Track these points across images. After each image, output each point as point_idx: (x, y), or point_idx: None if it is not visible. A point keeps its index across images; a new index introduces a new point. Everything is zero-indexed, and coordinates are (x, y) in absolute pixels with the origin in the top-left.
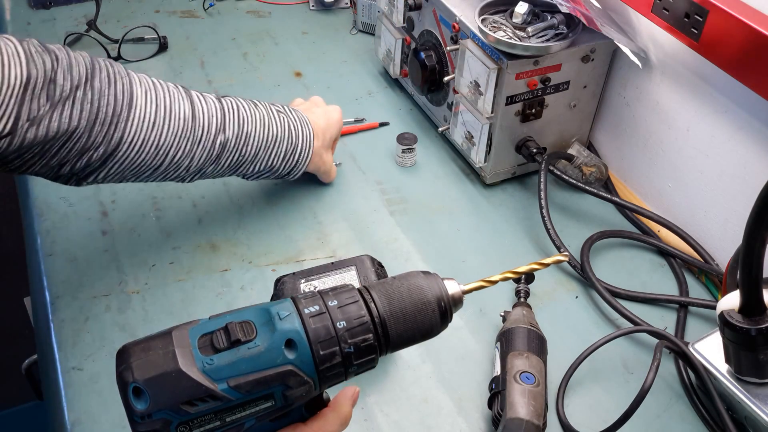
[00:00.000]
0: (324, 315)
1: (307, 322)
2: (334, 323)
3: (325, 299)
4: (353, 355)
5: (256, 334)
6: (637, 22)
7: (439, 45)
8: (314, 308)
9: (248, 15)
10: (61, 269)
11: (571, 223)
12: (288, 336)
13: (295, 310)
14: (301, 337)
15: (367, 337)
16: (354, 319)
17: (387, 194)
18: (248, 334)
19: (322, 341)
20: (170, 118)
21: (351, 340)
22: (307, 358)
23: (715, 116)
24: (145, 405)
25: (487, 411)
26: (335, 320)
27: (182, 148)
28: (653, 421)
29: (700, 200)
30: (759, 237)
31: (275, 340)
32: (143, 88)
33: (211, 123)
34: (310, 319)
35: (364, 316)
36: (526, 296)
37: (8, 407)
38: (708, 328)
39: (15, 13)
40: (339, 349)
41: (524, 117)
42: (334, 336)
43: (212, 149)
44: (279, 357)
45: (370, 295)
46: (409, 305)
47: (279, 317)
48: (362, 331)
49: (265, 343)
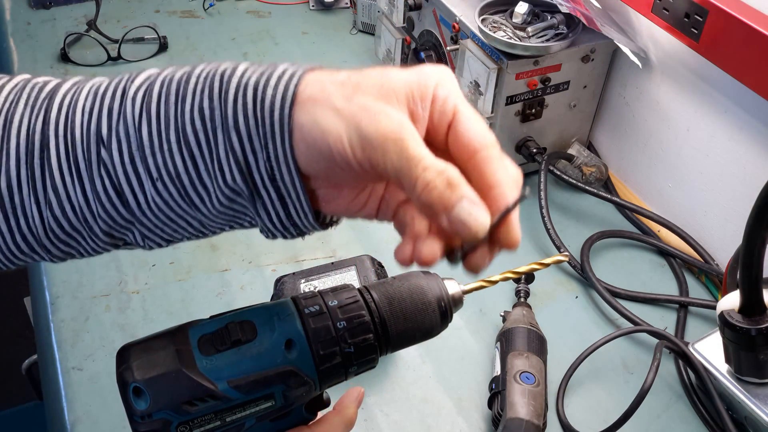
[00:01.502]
0: (324, 315)
1: (307, 322)
2: (335, 323)
3: (325, 299)
4: (353, 355)
5: (257, 334)
6: (637, 22)
7: (439, 45)
8: (314, 308)
9: (248, 15)
10: (61, 269)
11: (571, 223)
12: (288, 336)
13: (296, 310)
14: (302, 337)
15: (368, 336)
16: (354, 319)
17: None
18: (248, 334)
19: (322, 341)
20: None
21: (351, 340)
22: (308, 358)
23: (715, 116)
24: (145, 405)
25: (487, 411)
26: (335, 320)
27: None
28: (653, 421)
29: (700, 200)
30: (759, 237)
31: (275, 340)
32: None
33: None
34: (310, 318)
35: (364, 316)
36: (526, 296)
37: (8, 407)
38: (708, 328)
39: (15, 13)
40: (339, 349)
41: (524, 117)
42: (335, 336)
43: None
44: (279, 357)
45: (371, 295)
46: (410, 305)
47: (279, 317)
48: (362, 331)
49: (265, 343)
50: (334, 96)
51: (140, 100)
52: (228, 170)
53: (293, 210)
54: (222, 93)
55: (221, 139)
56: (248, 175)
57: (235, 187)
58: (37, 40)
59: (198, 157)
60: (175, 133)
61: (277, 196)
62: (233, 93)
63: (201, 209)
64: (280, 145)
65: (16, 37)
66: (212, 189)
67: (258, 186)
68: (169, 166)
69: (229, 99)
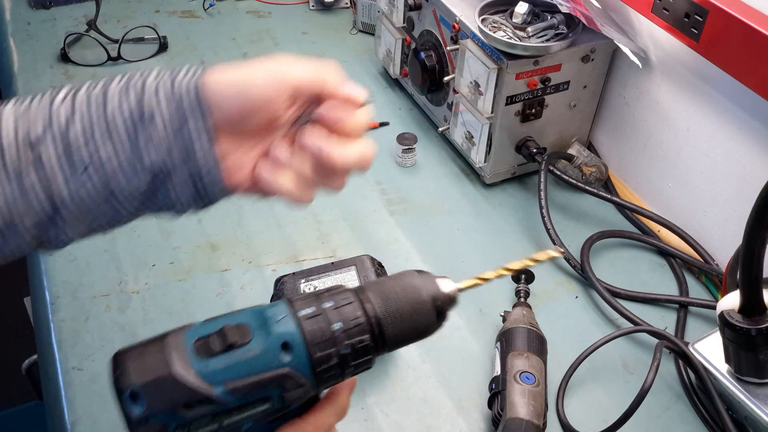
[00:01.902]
0: (320, 317)
1: (303, 324)
2: (331, 325)
3: (320, 301)
4: (350, 356)
5: (252, 337)
6: (637, 22)
7: (439, 45)
8: (310, 310)
9: (248, 15)
10: (61, 269)
11: (571, 223)
12: (284, 339)
13: (291, 313)
14: (298, 339)
15: (364, 338)
16: (350, 320)
17: (387, 194)
18: (244, 337)
19: (318, 343)
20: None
21: (347, 342)
22: (304, 361)
23: (715, 116)
24: (141, 409)
25: (487, 411)
26: (331, 322)
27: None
28: (653, 421)
29: (700, 200)
30: (759, 237)
31: (271, 343)
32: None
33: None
34: (306, 321)
35: (360, 317)
36: (526, 296)
37: (8, 407)
38: (708, 328)
39: (15, 13)
40: (335, 351)
41: (524, 117)
42: (331, 338)
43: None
44: (275, 360)
45: (366, 296)
46: (405, 305)
47: (274, 320)
48: (358, 332)
49: (260, 346)
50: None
51: (69, 103)
52: (146, 154)
53: (207, 178)
54: (144, 86)
55: (142, 127)
56: (167, 155)
57: (154, 168)
58: (37, 40)
59: (121, 144)
60: (104, 125)
61: (194, 169)
62: (153, 84)
63: (119, 196)
64: (198, 117)
65: (16, 37)
66: (132, 175)
67: (176, 163)
68: (94, 157)
69: (148, 89)
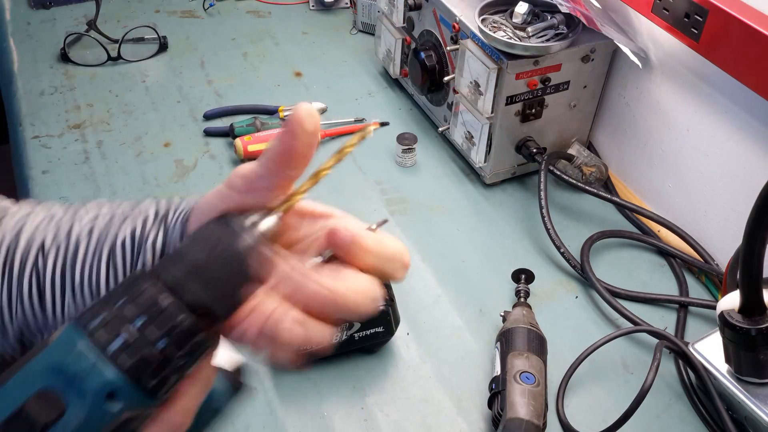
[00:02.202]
0: (136, 342)
1: (120, 361)
2: (154, 345)
3: (125, 319)
4: (189, 362)
5: (65, 403)
6: (637, 22)
7: (439, 45)
8: (120, 339)
9: (248, 15)
10: None
11: (571, 223)
12: (106, 390)
13: (98, 354)
14: (121, 382)
15: (196, 339)
16: (174, 330)
17: (387, 194)
18: (54, 409)
19: (148, 373)
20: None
21: (181, 352)
22: (138, 397)
23: (715, 116)
24: None
25: (487, 411)
26: (153, 341)
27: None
28: (653, 421)
29: (700, 200)
30: (759, 237)
31: (94, 402)
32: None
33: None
34: (122, 355)
35: (184, 321)
36: (526, 296)
37: None
38: (708, 328)
39: (15, 13)
40: (170, 368)
41: (524, 117)
42: (159, 358)
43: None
44: (106, 416)
45: (174, 278)
46: (219, 267)
47: (84, 373)
48: (188, 336)
49: (82, 411)
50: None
51: (88, 221)
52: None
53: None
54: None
55: (141, 255)
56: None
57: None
58: (37, 40)
59: (120, 270)
60: (109, 250)
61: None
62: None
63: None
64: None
65: (16, 37)
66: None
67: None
68: (93, 278)
69: (148, 222)
